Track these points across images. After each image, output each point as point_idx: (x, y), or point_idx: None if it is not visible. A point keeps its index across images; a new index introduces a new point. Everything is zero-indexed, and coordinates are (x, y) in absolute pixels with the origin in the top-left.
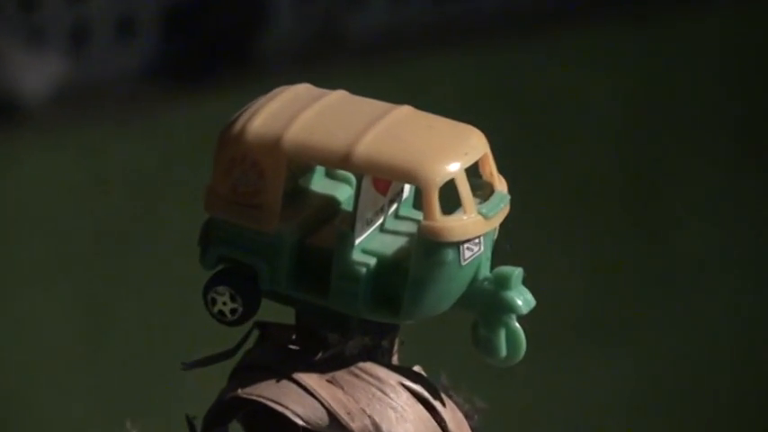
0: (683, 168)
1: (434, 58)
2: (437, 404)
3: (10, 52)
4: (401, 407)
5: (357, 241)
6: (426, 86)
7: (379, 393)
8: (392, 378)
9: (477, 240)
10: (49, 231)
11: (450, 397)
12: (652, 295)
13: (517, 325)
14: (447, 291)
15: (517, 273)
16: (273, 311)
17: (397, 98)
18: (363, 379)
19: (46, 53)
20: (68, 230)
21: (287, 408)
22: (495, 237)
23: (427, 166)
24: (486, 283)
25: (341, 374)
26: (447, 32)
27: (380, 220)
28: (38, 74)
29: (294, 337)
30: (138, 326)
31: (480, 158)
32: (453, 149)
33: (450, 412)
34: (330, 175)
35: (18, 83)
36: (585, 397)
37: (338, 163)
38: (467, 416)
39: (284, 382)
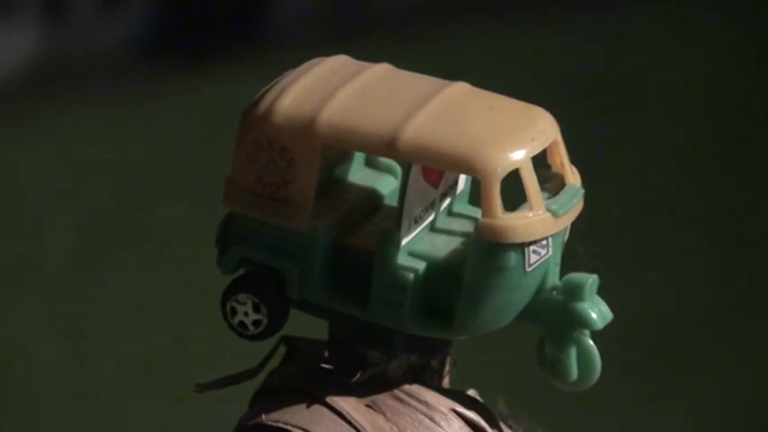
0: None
1: (472, 33)
2: None
3: None
4: None
5: (403, 242)
6: (463, 67)
7: (426, 421)
8: (443, 404)
9: (544, 242)
10: (22, 232)
11: (509, 427)
12: (739, 330)
13: (591, 342)
14: (508, 301)
15: (591, 281)
16: (303, 324)
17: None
18: (409, 404)
19: (15, 25)
20: (44, 231)
21: None
22: (566, 238)
23: (487, 154)
24: (554, 292)
25: (382, 399)
26: (482, 6)
27: (431, 218)
28: (5, 50)
29: (327, 354)
30: (125, 340)
31: (549, 145)
32: (518, 134)
33: None
34: (371, 164)
35: None
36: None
37: (382, 149)
38: None
39: (316, 407)
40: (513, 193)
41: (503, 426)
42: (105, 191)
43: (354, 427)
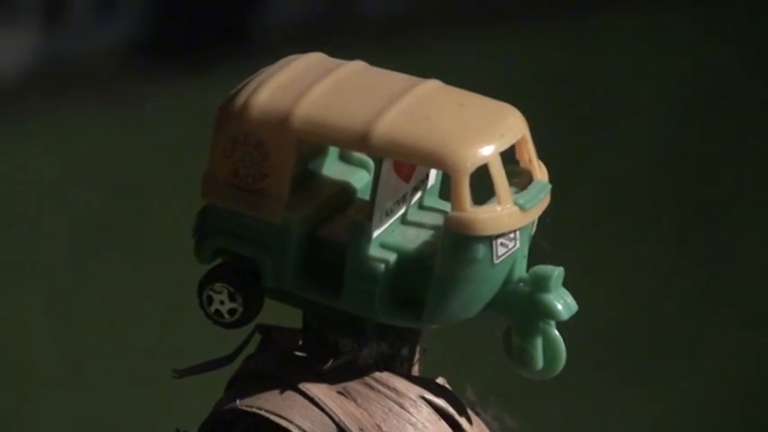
0: (749, 167)
1: (455, 38)
2: (462, 421)
3: None
4: (422, 423)
5: (375, 234)
6: (445, 70)
7: (396, 408)
8: (412, 391)
9: (512, 235)
10: (21, 229)
11: (477, 414)
12: (708, 319)
13: (556, 333)
14: (477, 292)
15: (557, 273)
16: (278, 313)
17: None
18: (379, 391)
19: (15, 27)
20: (42, 228)
21: (291, 422)
22: (533, 232)
23: (457, 149)
24: (521, 284)
25: (353, 385)
26: (469, 9)
27: (402, 211)
28: (6, 51)
29: (301, 342)
30: (119, 329)
31: (518, 141)
32: (487, 130)
33: (476, 430)
34: (345, 158)
35: None
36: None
37: (355, 144)
38: None
39: (289, 393)
40: (482, 188)
41: (470, 412)
42: (101, 188)
43: (326, 413)
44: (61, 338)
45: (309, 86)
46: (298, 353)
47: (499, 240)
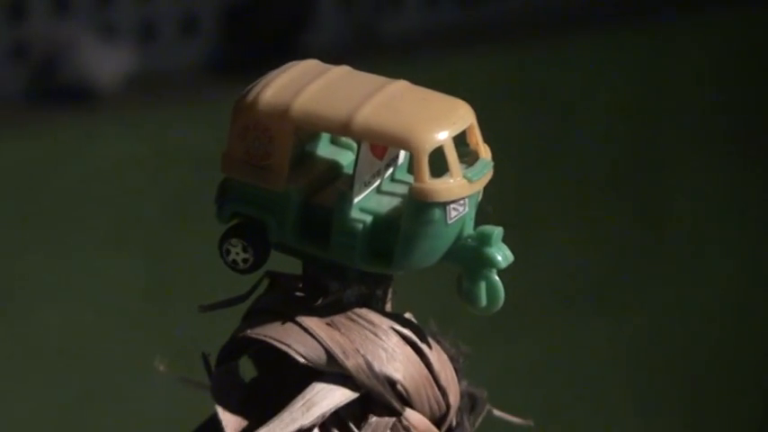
0: (678, 158)
1: (461, 57)
2: (424, 347)
3: (87, 46)
4: (391, 348)
5: (355, 201)
6: (454, 83)
7: (371, 336)
8: (384, 323)
9: (462, 201)
10: (121, 201)
11: (437, 341)
12: (645, 267)
13: (497, 278)
14: (434, 246)
15: (497, 231)
16: (283, 263)
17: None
18: (358, 323)
19: (118, 47)
20: (137, 201)
21: (290, 347)
22: (480, 199)
23: (418, 134)
24: (469, 240)
25: (339, 318)
26: (472, 34)
27: (377, 183)
28: (111, 65)
29: (300, 285)
30: (194, 283)
31: (467, 128)
32: (443, 119)
33: (435, 354)
34: (334, 141)
35: (94, 73)
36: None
37: (339, 130)
38: (452, 358)
39: (288, 325)
40: (439, 165)
41: (431, 340)
42: (186, 171)
43: (317, 340)
44: (151, 281)
45: (305, 85)
46: (297, 293)
47: (452, 206)
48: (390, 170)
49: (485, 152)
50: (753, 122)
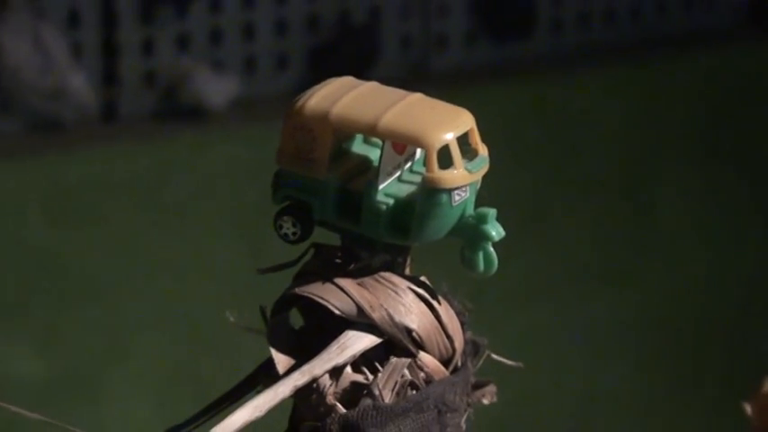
0: (664, 168)
1: (494, 88)
2: (434, 302)
3: (202, 75)
4: (408, 303)
5: (381, 187)
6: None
7: (393, 293)
8: (403, 283)
9: (464, 188)
10: (228, 199)
11: (447, 300)
12: (640, 249)
13: (491, 249)
14: (442, 223)
15: (492, 212)
16: (324, 236)
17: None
18: (383, 283)
19: (226, 77)
20: (241, 199)
21: (328, 302)
22: (479, 187)
23: (430, 135)
24: (470, 218)
25: (367, 280)
26: (503, 69)
27: (398, 173)
28: (220, 91)
29: (338, 254)
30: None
31: (469, 131)
32: (449, 123)
33: (444, 308)
34: (366, 140)
35: (206, 97)
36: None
37: (368, 131)
38: (458, 313)
39: (328, 284)
40: (446, 159)
41: (440, 298)
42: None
43: (349, 296)
44: (248, 261)
45: (341, 96)
46: (335, 260)
47: (456, 191)
48: (409, 163)
49: (483, 150)
50: (724, 140)
